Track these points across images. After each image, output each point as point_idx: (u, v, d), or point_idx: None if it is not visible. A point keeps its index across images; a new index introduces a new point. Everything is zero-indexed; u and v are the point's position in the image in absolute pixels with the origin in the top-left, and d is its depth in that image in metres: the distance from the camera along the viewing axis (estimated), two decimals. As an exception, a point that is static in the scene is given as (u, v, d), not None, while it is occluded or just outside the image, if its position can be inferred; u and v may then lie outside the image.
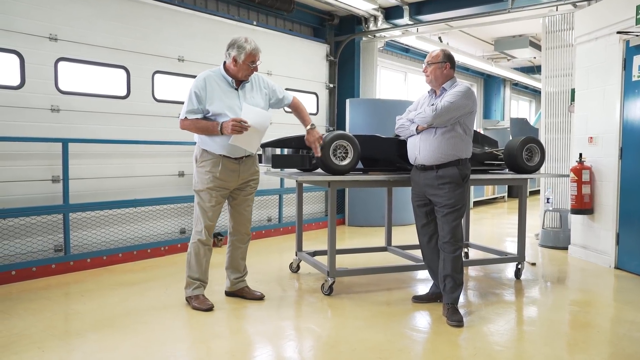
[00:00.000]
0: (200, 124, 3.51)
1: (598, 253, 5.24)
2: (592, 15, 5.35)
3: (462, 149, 3.54)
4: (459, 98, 3.45)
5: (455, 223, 3.52)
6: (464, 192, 3.59)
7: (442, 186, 3.52)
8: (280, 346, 3.10)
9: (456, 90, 3.50)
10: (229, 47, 3.56)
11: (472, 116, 3.59)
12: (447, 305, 3.53)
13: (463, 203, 3.56)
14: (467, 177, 3.59)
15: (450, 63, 3.60)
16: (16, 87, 4.65)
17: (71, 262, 4.75)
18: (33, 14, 4.73)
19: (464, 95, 3.47)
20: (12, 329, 3.26)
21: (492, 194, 11.23)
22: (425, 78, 3.68)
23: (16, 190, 4.62)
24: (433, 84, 3.64)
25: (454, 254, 3.53)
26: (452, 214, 3.51)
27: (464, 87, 3.52)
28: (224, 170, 3.61)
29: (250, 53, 3.53)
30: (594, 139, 5.30)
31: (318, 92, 7.94)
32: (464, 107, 3.47)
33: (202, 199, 3.64)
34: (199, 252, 3.68)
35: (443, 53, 3.61)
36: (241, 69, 3.55)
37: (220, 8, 6.68)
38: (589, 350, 3.04)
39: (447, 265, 3.54)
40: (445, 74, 3.58)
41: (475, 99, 3.61)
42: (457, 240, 3.54)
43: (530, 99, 17.63)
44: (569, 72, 6.20)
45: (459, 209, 3.52)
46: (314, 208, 7.79)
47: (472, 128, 3.66)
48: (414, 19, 7.75)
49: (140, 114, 5.59)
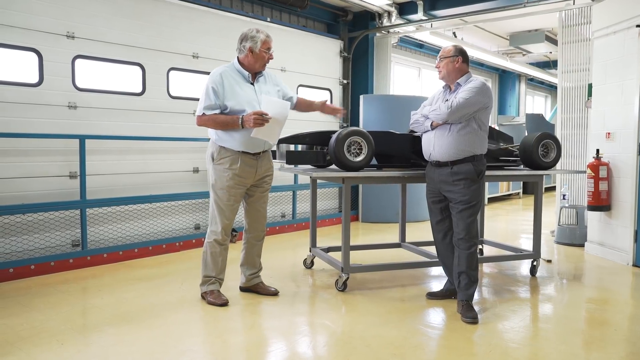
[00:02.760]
0: (220, 119, 3.50)
1: (615, 250, 5.18)
2: (610, 9, 5.26)
3: (477, 145, 3.52)
4: (473, 94, 3.42)
5: (470, 219, 3.51)
6: (480, 189, 3.57)
7: (457, 182, 3.51)
8: (295, 341, 3.12)
9: (471, 85, 3.47)
10: (242, 40, 3.58)
11: (487, 112, 3.56)
12: (462, 302, 3.52)
13: (478, 199, 3.54)
14: (482, 173, 3.56)
15: (462, 57, 3.57)
16: (35, 84, 4.72)
17: (88, 257, 4.82)
18: (51, 12, 4.79)
19: (479, 91, 3.44)
20: (32, 322, 3.32)
21: (507, 191, 11.14)
22: (438, 74, 3.67)
23: (34, 186, 4.70)
24: (446, 79, 3.62)
25: (469, 250, 3.51)
26: (468, 210, 3.49)
27: (479, 83, 3.49)
28: (243, 167, 3.61)
29: (265, 40, 3.58)
30: (611, 134, 5.23)
31: (332, 88, 7.93)
32: (478, 103, 3.45)
33: (220, 197, 3.63)
34: (215, 252, 3.69)
35: (455, 48, 3.60)
36: (258, 58, 3.58)
37: (234, 5, 6.70)
38: (606, 348, 3.01)
39: (462, 262, 3.52)
40: (458, 68, 3.56)
41: (491, 94, 3.58)
42: (472, 237, 3.52)
43: (546, 94, 17.42)
44: (586, 66, 6.11)
45: (474, 206, 3.50)
46: (327, 204, 7.80)
47: (488, 124, 3.63)
48: (428, 14, 7.70)
49: (156, 110, 5.63)
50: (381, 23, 8.01)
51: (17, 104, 4.60)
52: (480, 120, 3.52)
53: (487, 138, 3.65)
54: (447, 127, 3.51)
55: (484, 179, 3.67)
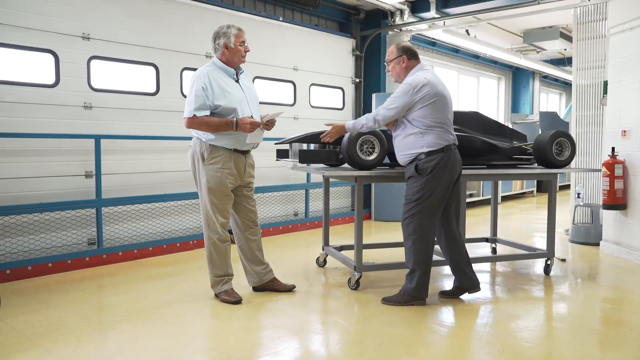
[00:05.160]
0: (214, 122, 3.46)
1: (631, 249, 5.12)
2: (626, 5, 5.20)
3: (420, 144, 3.49)
4: (395, 98, 3.47)
5: (408, 214, 3.55)
6: (426, 184, 3.50)
7: (407, 182, 3.62)
8: (308, 339, 3.14)
9: (397, 90, 3.51)
10: (215, 39, 3.61)
11: (434, 105, 3.46)
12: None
13: (422, 195, 3.50)
14: (428, 170, 3.47)
15: (407, 54, 3.61)
16: (51, 85, 4.79)
17: (104, 255, 4.89)
18: (67, 14, 4.86)
19: (402, 93, 3.46)
20: (50, 319, 3.39)
21: (521, 189, 11.05)
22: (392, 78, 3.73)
23: (51, 185, 4.78)
24: (399, 80, 3.67)
25: (408, 243, 3.60)
26: (407, 205, 3.56)
27: (404, 85, 3.49)
28: (236, 165, 3.62)
29: (238, 34, 3.59)
30: (627, 132, 5.17)
31: (344, 87, 7.93)
32: (403, 105, 3.45)
33: (216, 197, 3.59)
34: (219, 249, 3.69)
35: (397, 48, 3.66)
36: (235, 52, 3.59)
37: (246, 4, 6.74)
38: (621, 348, 2.98)
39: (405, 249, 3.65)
40: (406, 67, 3.61)
41: (429, 86, 3.44)
42: (410, 232, 3.58)
43: (560, 91, 17.23)
44: (602, 63, 6.04)
45: (414, 201, 3.52)
46: (340, 203, 7.80)
47: (443, 115, 3.52)
48: (441, 12, 7.65)
49: (170, 110, 5.69)
50: (393, 21, 7.99)
51: (34, 105, 4.67)
52: (424, 118, 3.47)
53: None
54: (396, 133, 3.62)
55: (436, 175, 3.49)
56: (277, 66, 6.88)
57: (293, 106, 7.14)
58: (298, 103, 7.20)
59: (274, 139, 4.79)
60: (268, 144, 5.00)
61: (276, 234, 6.47)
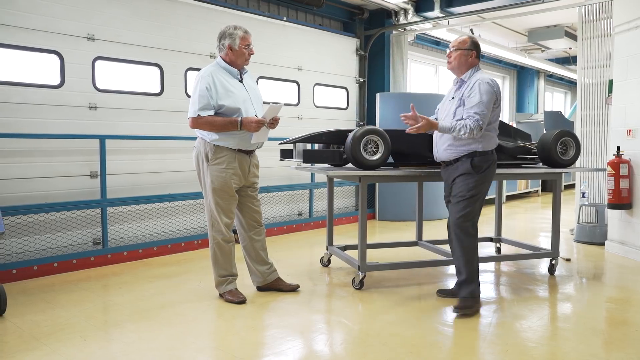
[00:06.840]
0: (218, 122, 3.46)
1: (637, 249, 5.10)
2: (631, 3, 5.17)
3: (477, 143, 3.45)
4: (479, 102, 3.35)
5: (464, 212, 3.45)
6: (479, 183, 3.47)
7: (457, 179, 3.50)
8: (312, 339, 3.14)
9: (483, 90, 3.36)
10: (221, 38, 3.60)
11: (498, 110, 3.52)
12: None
13: (475, 193, 3.45)
14: (482, 169, 3.46)
15: (477, 51, 3.54)
16: (56, 86, 4.82)
17: (109, 255, 4.91)
18: (72, 15, 4.88)
19: (486, 93, 3.36)
20: (56, 319, 3.41)
21: (526, 188, 11.01)
22: (447, 64, 3.62)
23: (57, 186, 4.80)
24: (455, 70, 3.59)
25: (461, 243, 3.50)
26: (462, 203, 3.46)
27: (486, 86, 3.38)
28: (240, 165, 3.63)
29: (244, 36, 3.58)
30: (632, 131, 5.14)
31: (348, 86, 7.93)
32: (490, 104, 3.39)
33: (220, 197, 3.59)
34: (223, 250, 3.70)
35: (471, 40, 3.55)
36: (239, 55, 3.58)
37: (250, 4, 6.75)
38: (626, 348, 2.97)
39: (456, 254, 3.54)
40: (470, 62, 3.53)
41: (498, 92, 3.47)
42: (463, 229, 3.48)
43: (565, 90, 17.16)
44: (607, 62, 6.01)
45: (468, 198, 3.45)
46: (344, 202, 7.81)
47: (496, 120, 3.55)
48: (445, 11, 7.65)
49: (174, 110, 5.70)
50: (397, 21, 7.99)
51: (40, 105, 4.70)
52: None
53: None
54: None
55: (487, 174, 3.52)
56: (281, 66, 6.89)
57: (297, 106, 7.15)
58: (302, 103, 7.21)
59: (278, 139, 4.80)
60: (272, 144, 5.00)
61: (280, 233, 6.48)
